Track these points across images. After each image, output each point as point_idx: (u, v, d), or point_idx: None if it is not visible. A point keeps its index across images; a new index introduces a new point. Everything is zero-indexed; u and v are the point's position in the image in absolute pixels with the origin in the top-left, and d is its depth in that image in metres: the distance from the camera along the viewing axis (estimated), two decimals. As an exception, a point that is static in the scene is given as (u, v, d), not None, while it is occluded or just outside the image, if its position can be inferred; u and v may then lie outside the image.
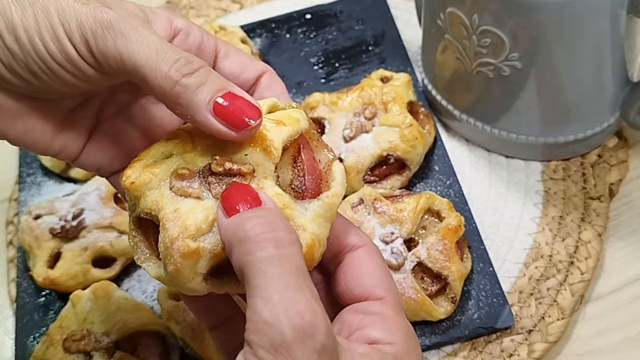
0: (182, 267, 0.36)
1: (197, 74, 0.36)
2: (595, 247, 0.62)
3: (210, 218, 0.36)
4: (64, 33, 0.36)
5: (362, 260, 0.40)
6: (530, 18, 0.55)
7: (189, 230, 0.36)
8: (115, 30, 0.36)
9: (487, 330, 0.58)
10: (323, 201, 0.38)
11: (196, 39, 0.42)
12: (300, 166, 0.39)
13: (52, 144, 0.41)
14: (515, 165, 0.68)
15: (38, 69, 0.37)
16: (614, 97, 0.63)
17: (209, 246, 0.36)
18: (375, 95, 0.67)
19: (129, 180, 0.38)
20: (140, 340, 0.58)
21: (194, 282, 0.36)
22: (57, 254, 0.64)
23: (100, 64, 0.37)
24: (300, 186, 0.39)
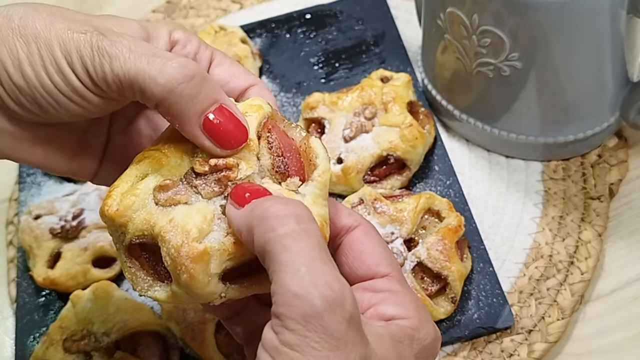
0: (196, 271, 0.35)
1: (191, 84, 0.37)
2: (595, 247, 0.62)
3: (208, 217, 0.36)
4: (67, 65, 0.37)
5: (361, 240, 0.41)
6: (530, 18, 0.55)
7: (191, 234, 0.36)
8: (111, 55, 0.37)
9: (487, 330, 0.58)
10: (317, 181, 0.38)
11: (192, 48, 0.42)
12: (275, 146, 0.39)
13: (70, 165, 0.43)
14: (515, 165, 0.68)
15: (45, 103, 0.38)
16: (614, 97, 0.63)
17: (215, 245, 0.36)
18: (375, 95, 0.67)
19: (112, 209, 0.38)
20: (140, 340, 0.58)
21: (211, 286, 0.36)
22: (57, 254, 0.64)
23: (103, 90, 0.38)
24: (283, 166, 0.38)
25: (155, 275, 0.38)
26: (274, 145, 0.39)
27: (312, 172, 0.39)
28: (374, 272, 0.40)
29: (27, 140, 0.41)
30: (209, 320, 0.58)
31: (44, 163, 0.42)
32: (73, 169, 0.43)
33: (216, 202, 0.37)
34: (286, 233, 0.33)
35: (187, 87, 0.36)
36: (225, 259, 0.36)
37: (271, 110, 0.40)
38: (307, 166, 0.39)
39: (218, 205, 0.37)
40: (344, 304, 0.32)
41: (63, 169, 0.43)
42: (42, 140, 0.41)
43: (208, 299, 0.37)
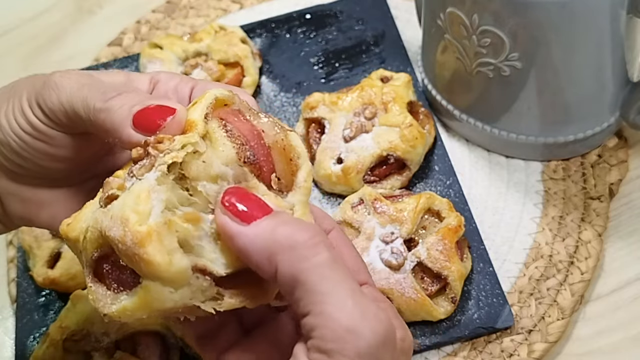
0: (150, 255, 0.32)
1: (120, 97, 0.37)
2: (595, 247, 0.62)
3: (142, 195, 0.33)
4: (28, 106, 0.40)
5: (338, 245, 0.40)
6: (530, 18, 0.55)
7: (130, 221, 0.33)
8: (58, 86, 0.39)
9: (487, 330, 0.58)
10: (304, 187, 0.36)
11: (173, 84, 0.43)
12: (234, 133, 0.36)
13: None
14: (515, 165, 0.68)
15: (17, 147, 0.41)
16: (614, 97, 0.63)
17: (160, 220, 0.33)
18: (375, 95, 0.67)
19: (64, 225, 0.37)
20: (140, 340, 0.58)
21: (175, 263, 0.33)
22: (57, 254, 0.64)
23: (54, 121, 0.40)
24: (252, 156, 0.36)
25: (121, 287, 0.35)
26: (233, 131, 0.36)
27: (293, 173, 0.36)
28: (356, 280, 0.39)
29: (32, 202, 0.43)
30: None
31: (52, 225, 0.44)
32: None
33: (149, 177, 0.34)
34: (322, 262, 0.32)
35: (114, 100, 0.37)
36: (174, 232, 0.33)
37: (227, 97, 0.37)
38: (286, 166, 0.37)
39: (152, 180, 0.34)
40: (393, 335, 0.31)
41: None
42: (48, 202, 0.44)
43: (183, 279, 0.33)
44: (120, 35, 0.85)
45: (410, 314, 0.58)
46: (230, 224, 0.34)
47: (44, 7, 0.91)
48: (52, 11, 0.90)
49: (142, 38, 0.84)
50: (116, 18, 0.88)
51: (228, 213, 0.34)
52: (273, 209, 0.34)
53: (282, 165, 0.37)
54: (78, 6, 0.90)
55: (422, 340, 0.58)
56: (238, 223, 0.34)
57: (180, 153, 0.34)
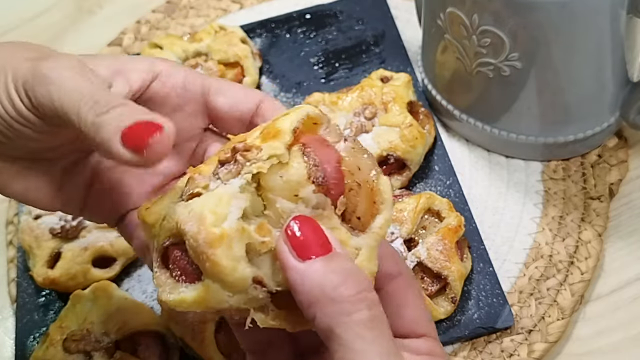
0: (217, 257, 0.33)
1: (111, 111, 0.36)
2: (595, 247, 0.62)
3: (224, 199, 0.34)
4: (14, 90, 0.38)
5: (402, 292, 0.39)
6: (530, 18, 0.55)
7: (207, 220, 0.34)
8: (49, 81, 0.37)
9: (487, 330, 0.58)
10: (377, 233, 0.36)
11: (178, 79, 0.42)
12: (310, 153, 0.36)
13: (53, 201, 0.43)
14: (515, 165, 0.68)
15: (2, 128, 0.39)
16: (614, 97, 0.63)
17: (234, 226, 0.34)
18: (375, 95, 0.67)
19: (143, 209, 0.37)
20: (140, 340, 0.58)
21: (239, 270, 0.34)
22: (57, 254, 0.64)
23: (40, 111, 0.38)
24: (320, 177, 0.35)
25: (184, 277, 0.36)
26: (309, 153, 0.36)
27: (373, 216, 0.36)
28: (413, 330, 0.38)
29: (8, 173, 0.42)
30: (209, 320, 0.58)
31: (25, 196, 0.43)
32: (57, 204, 0.44)
33: (234, 184, 0.35)
34: (360, 320, 0.32)
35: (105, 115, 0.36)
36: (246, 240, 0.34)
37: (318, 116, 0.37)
38: (369, 207, 0.36)
39: (237, 187, 0.35)
40: None
41: (46, 203, 0.43)
42: (23, 174, 0.42)
43: (242, 287, 0.34)
44: (120, 35, 0.85)
45: (410, 314, 0.58)
46: (287, 254, 0.34)
47: (44, 7, 0.91)
48: (52, 11, 0.90)
49: (142, 38, 0.84)
50: (116, 18, 0.88)
51: (288, 243, 0.34)
52: (334, 248, 0.34)
53: (365, 205, 0.36)
54: (78, 6, 0.90)
55: (422, 340, 0.58)
56: (294, 257, 0.34)
57: (266, 164, 0.35)
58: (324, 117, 0.38)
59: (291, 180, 0.35)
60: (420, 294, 0.40)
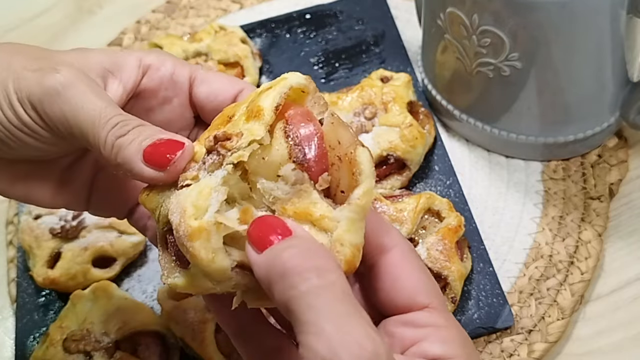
0: (195, 249, 0.34)
1: (130, 133, 0.37)
2: (595, 247, 0.62)
3: (205, 192, 0.35)
4: (17, 101, 0.39)
5: (398, 264, 0.38)
6: (530, 18, 0.55)
7: (187, 212, 0.34)
8: (62, 97, 0.38)
9: (487, 330, 0.58)
10: (355, 204, 0.35)
11: (167, 71, 0.43)
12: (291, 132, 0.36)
13: (55, 200, 0.44)
14: (515, 165, 0.68)
15: (4, 136, 0.40)
16: (614, 97, 0.63)
17: (212, 220, 0.34)
18: (375, 95, 0.67)
19: (144, 194, 0.38)
20: (140, 340, 0.58)
21: (217, 262, 0.34)
22: (57, 254, 0.64)
23: (51, 127, 0.39)
24: (301, 156, 0.35)
25: (178, 262, 0.37)
26: (290, 132, 0.36)
27: (352, 189, 0.35)
28: (413, 303, 0.37)
29: (8, 176, 0.42)
30: (209, 320, 0.58)
31: (27, 197, 0.43)
32: (60, 203, 0.44)
33: (217, 175, 0.36)
34: (308, 290, 0.30)
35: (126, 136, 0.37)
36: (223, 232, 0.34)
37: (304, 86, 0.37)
38: (350, 180, 0.36)
39: (219, 178, 0.35)
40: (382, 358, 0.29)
41: (48, 202, 0.44)
42: (22, 176, 0.43)
43: (222, 276, 0.35)
44: (120, 35, 0.85)
45: (410, 314, 0.58)
46: (251, 252, 0.34)
47: (44, 7, 0.91)
48: (52, 11, 0.90)
49: (142, 38, 0.85)
50: (116, 18, 0.88)
51: (250, 242, 0.34)
52: (294, 232, 0.34)
53: (347, 179, 0.36)
54: (78, 6, 0.90)
55: (422, 340, 0.58)
56: (255, 252, 0.33)
57: (246, 151, 0.35)
58: (309, 85, 0.38)
59: (273, 162, 0.35)
60: (419, 265, 0.38)
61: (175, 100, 0.44)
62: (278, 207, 0.36)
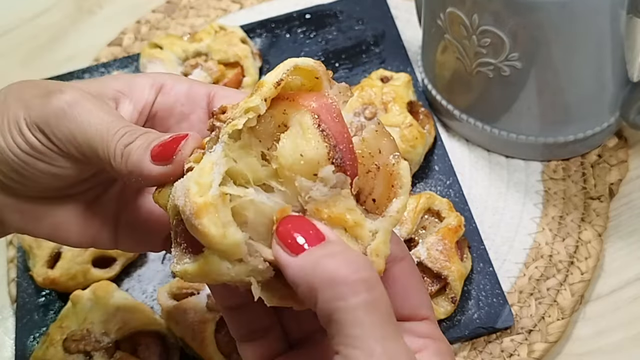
0: (204, 226, 0.33)
1: (138, 139, 0.37)
2: (595, 247, 0.62)
3: (206, 168, 0.34)
4: (26, 126, 0.39)
5: (406, 276, 0.39)
6: (530, 18, 0.55)
7: (191, 191, 0.33)
8: (68, 116, 0.38)
9: (487, 330, 0.58)
10: (393, 217, 0.35)
11: (183, 88, 0.43)
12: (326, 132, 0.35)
13: (82, 237, 0.44)
14: (515, 165, 0.68)
15: (15, 164, 0.40)
16: (614, 97, 0.63)
17: (217, 193, 0.33)
18: (375, 95, 0.67)
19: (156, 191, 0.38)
20: (140, 340, 0.58)
21: (229, 236, 0.33)
22: (57, 254, 0.64)
23: (60, 148, 0.39)
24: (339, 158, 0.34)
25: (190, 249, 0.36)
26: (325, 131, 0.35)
27: (390, 200, 0.35)
28: (415, 314, 0.38)
29: (34, 214, 0.42)
30: (209, 320, 0.58)
31: (54, 235, 0.43)
32: (87, 240, 0.44)
33: (217, 149, 0.35)
34: (358, 304, 0.31)
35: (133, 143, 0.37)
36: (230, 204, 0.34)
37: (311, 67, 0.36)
38: (386, 191, 0.36)
39: (219, 152, 0.35)
40: None
41: (74, 241, 0.44)
42: (47, 213, 0.43)
43: (237, 252, 0.34)
44: (120, 35, 0.85)
45: (410, 314, 0.58)
46: (281, 253, 0.33)
47: (44, 7, 0.91)
48: (52, 11, 0.90)
49: (142, 38, 0.85)
50: (116, 18, 0.88)
51: (280, 242, 0.34)
52: (326, 237, 0.33)
53: (382, 188, 0.36)
54: (78, 6, 0.90)
55: (422, 340, 0.58)
56: (288, 254, 0.33)
57: (242, 120, 0.34)
58: (319, 68, 0.37)
59: (312, 160, 0.34)
60: (421, 279, 0.40)
61: (193, 116, 0.43)
62: (311, 208, 0.35)
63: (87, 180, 0.43)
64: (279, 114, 0.36)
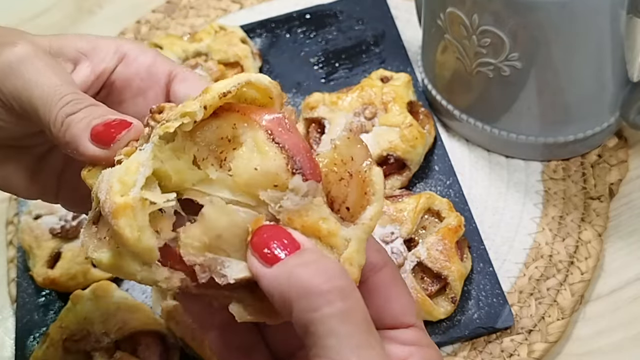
0: (120, 227, 0.32)
1: (81, 111, 0.37)
2: (595, 247, 0.62)
3: (132, 167, 0.33)
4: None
5: (388, 284, 0.38)
6: (531, 18, 0.55)
7: (113, 189, 0.33)
8: (15, 72, 0.38)
9: (487, 330, 0.58)
10: (367, 225, 0.34)
11: (145, 61, 0.42)
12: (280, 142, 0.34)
13: (30, 188, 0.44)
14: (515, 165, 0.68)
15: None
16: (614, 97, 0.63)
17: (137, 195, 0.33)
18: (375, 95, 0.67)
19: (85, 170, 0.37)
20: (140, 340, 0.58)
21: (143, 241, 0.33)
22: (57, 254, 0.64)
23: (4, 103, 0.38)
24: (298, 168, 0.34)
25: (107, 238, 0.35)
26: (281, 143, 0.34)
27: (363, 207, 0.35)
28: (400, 322, 0.38)
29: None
30: (209, 320, 0.58)
31: (5, 186, 0.44)
32: (33, 192, 0.44)
33: (147, 149, 0.34)
34: (332, 314, 0.30)
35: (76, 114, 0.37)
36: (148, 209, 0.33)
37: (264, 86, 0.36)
38: (359, 198, 0.35)
39: (148, 152, 0.34)
40: None
41: (23, 190, 0.44)
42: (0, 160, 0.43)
43: (149, 257, 0.34)
44: (120, 35, 0.85)
45: (410, 314, 0.58)
46: (256, 264, 0.33)
47: (44, 7, 0.91)
48: (52, 11, 0.90)
49: (142, 38, 0.85)
50: (116, 18, 0.88)
51: (255, 254, 0.33)
52: (302, 245, 0.33)
53: (356, 196, 0.35)
54: (78, 6, 0.90)
55: (422, 340, 0.58)
56: (262, 265, 0.33)
57: (175, 123, 0.34)
58: (273, 90, 0.37)
59: (269, 172, 0.34)
60: (405, 285, 0.39)
61: (151, 93, 0.43)
62: (284, 218, 0.34)
63: (36, 135, 0.42)
64: (228, 126, 0.35)
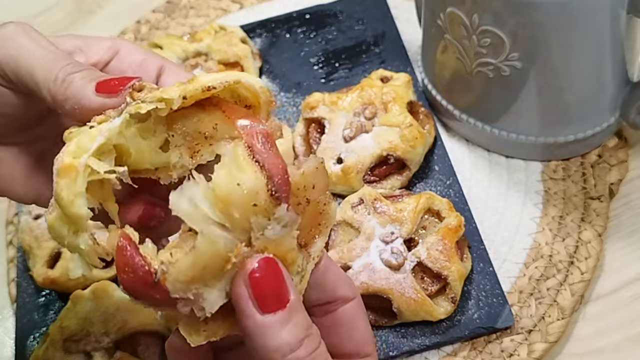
0: (59, 186, 0.34)
1: (83, 71, 0.37)
2: (595, 247, 0.62)
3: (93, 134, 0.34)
4: None
5: (354, 316, 0.40)
6: (530, 18, 0.55)
7: (69, 148, 0.34)
8: (15, 42, 0.38)
9: (487, 330, 0.58)
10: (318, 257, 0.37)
11: (137, 57, 0.42)
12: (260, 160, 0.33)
13: (27, 192, 0.44)
14: (515, 165, 0.68)
15: None
16: (614, 97, 0.63)
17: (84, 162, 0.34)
18: (375, 95, 0.67)
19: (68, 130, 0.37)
20: (140, 340, 0.58)
21: (76, 205, 0.34)
22: (57, 254, 0.64)
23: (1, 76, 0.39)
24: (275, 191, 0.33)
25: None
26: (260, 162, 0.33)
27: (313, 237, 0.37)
28: (359, 351, 0.40)
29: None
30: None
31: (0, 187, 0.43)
32: (30, 194, 0.44)
33: (114, 123, 0.35)
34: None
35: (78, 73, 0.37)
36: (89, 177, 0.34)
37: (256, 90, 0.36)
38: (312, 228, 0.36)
39: (116, 124, 0.35)
40: None
41: (19, 194, 0.44)
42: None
43: (78, 225, 0.35)
44: (120, 35, 0.85)
45: (410, 314, 0.58)
46: (247, 301, 0.33)
47: (44, 6, 0.91)
48: (53, 11, 0.91)
49: (142, 38, 0.85)
50: (116, 18, 0.88)
51: (250, 290, 0.33)
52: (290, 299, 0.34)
53: (308, 221, 0.36)
54: (78, 6, 0.90)
55: (422, 340, 0.58)
56: (255, 307, 0.33)
57: (148, 106, 0.34)
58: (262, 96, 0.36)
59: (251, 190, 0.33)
60: (366, 317, 0.41)
61: None
62: (259, 245, 0.34)
63: (31, 131, 0.43)
64: (210, 123, 0.35)
